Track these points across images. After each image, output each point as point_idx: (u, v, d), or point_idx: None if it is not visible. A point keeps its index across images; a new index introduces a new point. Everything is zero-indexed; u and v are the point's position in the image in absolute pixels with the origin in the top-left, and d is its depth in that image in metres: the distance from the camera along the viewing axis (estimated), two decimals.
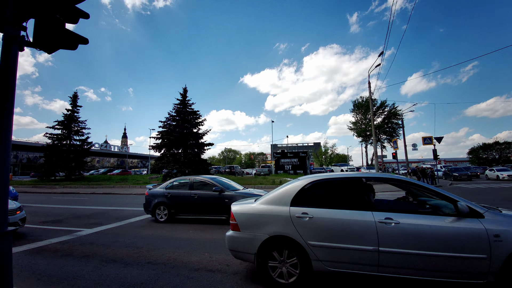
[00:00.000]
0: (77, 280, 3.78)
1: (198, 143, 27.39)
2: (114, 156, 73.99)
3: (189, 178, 8.39)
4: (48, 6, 2.29)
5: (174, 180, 8.59)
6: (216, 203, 7.51)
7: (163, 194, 8.16)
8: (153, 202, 8.16)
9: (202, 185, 8.00)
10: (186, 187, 8.08)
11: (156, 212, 8.10)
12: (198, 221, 7.94)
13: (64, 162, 30.62)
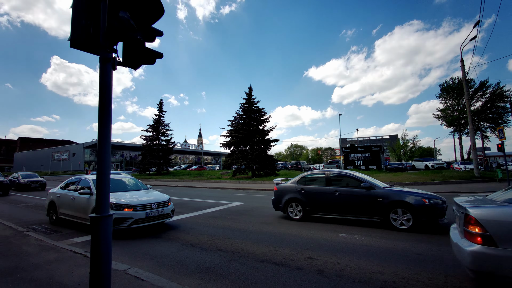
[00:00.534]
0: (163, 258, 4.46)
1: (264, 139, 28.14)
2: (192, 154, 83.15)
3: (324, 172, 7.60)
4: (131, 30, 2.75)
5: (306, 175, 7.92)
6: (365, 202, 6.45)
7: (295, 189, 7.52)
8: (284, 198, 7.67)
9: (342, 180, 7.17)
10: (322, 182, 7.31)
11: (289, 210, 7.59)
12: (261, 215, 8.20)
13: (155, 159, 36.35)
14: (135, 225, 5.84)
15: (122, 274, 3.51)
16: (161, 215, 6.37)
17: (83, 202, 6.37)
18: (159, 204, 6.43)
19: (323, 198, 7.06)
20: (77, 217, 6.56)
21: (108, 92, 2.72)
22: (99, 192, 2.56)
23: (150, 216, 6.08)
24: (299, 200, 7.39)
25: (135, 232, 6.22)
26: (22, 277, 3.45)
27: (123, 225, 5.72)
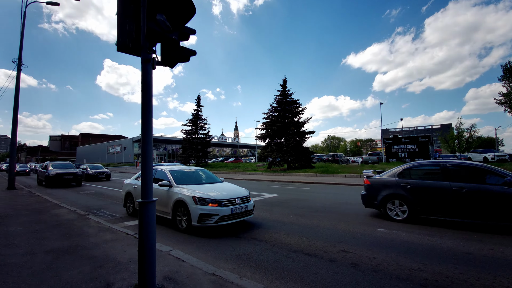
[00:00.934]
0: (202, 243, 4.80)
1: (299, 131, 27.73)
2: (229, 146, 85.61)
3: (438, 162, 6.22)
4: (168, 31, 2.96)
5: (412, 166, 6.53)
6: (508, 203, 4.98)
7: (397, 184, 6.22)
8: (381, 194, 6.41)
9: (468, 173, 5.66)
10: (436, 175, 5.92)
11: (388, 207, 6.35)
12: (295, 207, 8.20)
13: (194, 152, 38.36)
14: (221, 223, 5.23)
15: (166, 254, 3.88)
16: (245, 212, 5.70)
17: (163, 194, 6.05)
18: (242, 199, 5.80)
19: (441, 196, 5.61)
20: (157, 210, 6.07)
21: (149, 90, 2.98)
22: (144, 181, 2.85)
23: (235, 212, 5.46)
24: (403, 197, 6.06)
25: None
26: (82, 254, 4.02)
27: (208, 222, 5.16)
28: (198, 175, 7.17)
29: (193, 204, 5.29)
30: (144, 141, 2.88)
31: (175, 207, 5.74)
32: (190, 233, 5.40)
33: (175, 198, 5.69)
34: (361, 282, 3.19)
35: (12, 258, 3.77)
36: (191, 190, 5.67)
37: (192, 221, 5.25)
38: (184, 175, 6.76)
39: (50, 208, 7.98)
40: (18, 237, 4.86)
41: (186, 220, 5.48)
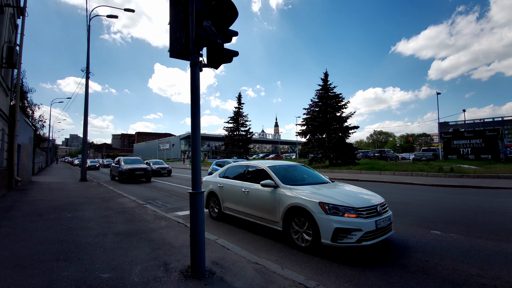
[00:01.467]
0: (245, 235, 5.06)
1: (342, 127, 26.61)
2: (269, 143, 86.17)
3: None
4: (213, 36, 3.19)
5: None
6: None
7: None
8: None
9: None
10: None
11: None
12: None
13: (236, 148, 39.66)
14: (365, 242, 3.69)
15: (213, 242, 4.21)
16: (390, 225, 4.19)
17: (265, 197, 4.74)
18: (383, 206, 4.25)
19: None
20: (256, 216, 4.98)
21: (197, 90, 3.26)
22: (194, 174, 3.15)
23: (381, 227, 3.89)
24: None
25: None
26: (143, 237, 4.58)
27: (348, 241, 3.67)
28: (300, 172, 5.58)
29: (321, 214, 3.82)
30: (193, 138, 3.17)
31: (288, 216, 4.31)
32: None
33: (288, 203, 4.28)
34: None
35: (87, 238, 4.49)
36: (312, 193, 4.21)
37: (321, 238, 3.77)
38: (287, 171, 5.34)
39: (115, 197, 9.15)
40: (91, 221, 5.73)
41: (308, 234, 4.02)
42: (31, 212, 6.49)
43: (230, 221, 6.03)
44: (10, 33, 11.04)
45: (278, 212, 4.47)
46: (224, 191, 5.97)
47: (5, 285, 2.71)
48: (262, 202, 4.86)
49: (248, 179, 5.48)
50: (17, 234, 4.65)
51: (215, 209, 6.30)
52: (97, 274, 3.04)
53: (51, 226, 5.19)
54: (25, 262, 3.37)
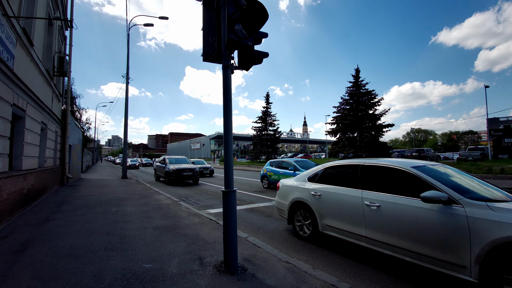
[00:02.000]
0: (275, 233, 5.10)
1: (375, 125, 25.40)
2: (297, 142, 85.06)
3: None
4: (244, 39, 3.28)
5: None
6: None
7: None
8: None
9: None
10: None
11: None
12: None
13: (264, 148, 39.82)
14: None
15: (244, 240, 4.31)
16: None
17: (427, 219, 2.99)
18: None
19: None
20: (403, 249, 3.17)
21: (229, 92, 3.37)
22: (226, 173, 3.27)
23: None
24: None
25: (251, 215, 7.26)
26: (178, 232, 4.84)
27: None
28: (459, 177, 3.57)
29: None
30: (226, 138, 3.29)
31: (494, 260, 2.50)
32: None
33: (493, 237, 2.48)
34: None
35: (129, 231, 4.86)
36: None
37: None
38: (447, 176, 3.48)
39: (152, 194, 9.77)
40: (133, 215, 6.19)
41: None
42: (81, 206, 7.20)
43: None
44: (59, 44, 12.31)
45: (466, 249, 2.66)
46: (325, 202, 4.27)
47: (58, 273, 3.05)
48: (418, 227, 3.04)
49: (369, 185, 3.74)
50: (69, 226, 5.20)
51: (306, 227, 4.68)
52: (140, 264, 3.30)
53: (99, 219, 5.72)
54: (77, 251, 3.77)
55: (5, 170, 5.50)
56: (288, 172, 10.80)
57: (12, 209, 5.78)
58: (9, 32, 5.24)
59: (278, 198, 5.45)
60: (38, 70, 7.95)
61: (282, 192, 5.32)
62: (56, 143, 11.43)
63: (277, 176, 11.26)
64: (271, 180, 11.80)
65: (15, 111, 6.18)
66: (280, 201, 5.33)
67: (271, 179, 11.80)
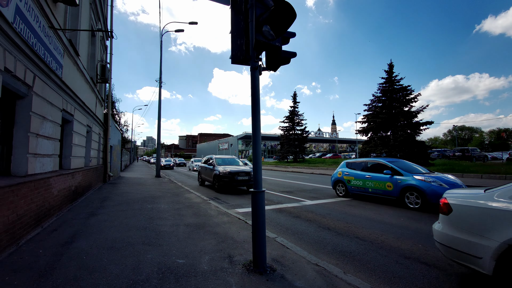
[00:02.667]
0: (303, 235, 5.02)
1: (410, 123, 23.80)
2: (326, 142, 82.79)
3: None
4: (272, 40, 3.29)
5: None
6: None
7: None
8: None
9: None
10: None
11: None
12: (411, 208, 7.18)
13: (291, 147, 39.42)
14: None
15: (272, 240, 4.32)
16: None
17: None
18: None
19: None
20: None
21: (257, 94, 3.40)
22: (255, 174, 3.30)
23: None
24: None
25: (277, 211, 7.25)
26: (208, 230, 4.99)
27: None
28: None
29: None
30: (254, 139, 3.33)
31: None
32: None
33: None
34: None
35: (164, 227, 5.13)
36: None
37: None
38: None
39: (183, 192, 10.20)
40: (166, 212, 6.52)
41: None
42: (121, 202, 7.76)
43: None
44: (101, 53, 13.37)
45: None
46: None
47: (102, 265, 3.32)
48: None
49: None
50: (111, 220, 5.63)
51: None
52: (174, 259, 3.47)
53: (136, 215, 6.11)
54: (118, 244, 4.07)
55: (56, 169, 6.12)
56: (382, 176, 7.97)
57: (61, 205, 6.41)
58: (56, 44, 5.81)
59: (452, 230, 2.94)
60: (84, 78, 8.72)
61: (468, 217, 2.84)
62: (99, 144, 12.45)
63: (362, 182, 8.68)
64: (352, 187, 9.08)
65: (64, 115, 6.85)
66: (462, 237, 2.81)
67: (351, 186, 9.10)
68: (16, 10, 3.80)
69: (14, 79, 4.09)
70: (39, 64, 4.82)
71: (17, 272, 3.05)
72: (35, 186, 4.68)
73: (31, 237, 4.35)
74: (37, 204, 4.78)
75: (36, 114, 4.81)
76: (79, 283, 2.83)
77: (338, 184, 9.77)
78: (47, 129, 5.39)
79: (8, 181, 3.82)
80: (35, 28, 4.52)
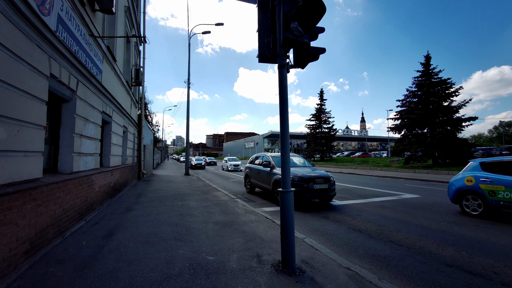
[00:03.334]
0: (332, 237, 4.87)
1: (451, 118, 21.98)
2: (354, 140, 79.62)
3: None
4: (300, 36, 3.21)
5: None
6: None
7: None
8: None
9: None
10: None
11: None
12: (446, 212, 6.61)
13: (318, 146, 38.53)
14: None
15: (301, 241, 4.24)
16: None
17: None
18: None
19: None
20: None
21: (285, 91, 3.35)
22: (283, 172, 3.26)
23: None
24: None
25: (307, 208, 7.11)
26: (236, 228, 5.04)
27: None
28: None
29: None
30: (282, 139, 3.28)
31: None
32: None
33: None
34: None
35: (193, 224, 5.29)
36: None
37: None
38: None
39: (211, 190, 10.45)
40: (196, 210, 6.72)
41: None
42: (154, 199, 8.16)
43: None
44: (135, 58, 14.15)
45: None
46: None
47: (138, 258, 3.50)
48: None
49: None
50: (146, 215, 5.94)
51: None
52: (204, 256, 3.56)
53: (168, 211, 6.39)
54: (152, 239, 4.27)
55: (97, 167, 6.60)
56: None
57: (102, 200, 6.90)
58: (96, 50, 6.25)
59: None
60: (120, 82, 9.30)
61: None
62: (134, 143, 13.22)
63: None
64: (502, 201, 5.74)
65: (104, 117, 7.35)
66: None
67: (498, 200, 5.79)
68: (58, 19, 4.13)
69: (59, 84, 4.47)
70: (81, 70, 5.22)
71: (61, 263, 3.33)
72: (79, 182, 5.10)
73: (76, 229, 4.75)
74: (81, 199, 5.19)
75: (79, 116, 5.23)
76: (118, 275, 3.01)
77: (468, 196, 6.45)
78: (89, 130, 5.83)
79: (55, 178, 4.20)
80: (77, 36, 4.90)
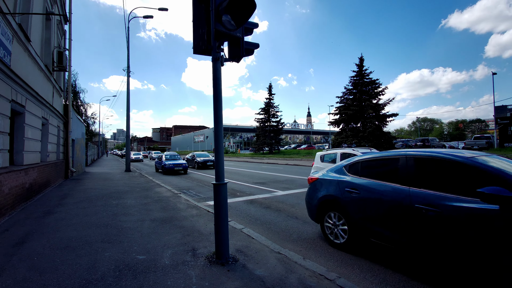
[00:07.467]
0: (271, 225, 5.14)
1: (378, 115, 25.12)
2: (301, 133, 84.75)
3: None
4: (232, 30, 3.22)
5: None
6: None
7: None
8: None
9: None
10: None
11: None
12: None
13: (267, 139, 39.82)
14: None
15: (239, 231, 4.37)
16: None
17: None
18: None
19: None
20: None
21: (219, 85, 3.35)
22: (217, 166, 3.28)
23: None
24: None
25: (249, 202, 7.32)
26: (175, 224, 4.91)
27: None
28: None
29: None
30: (216, 132, 3.29)
31: None
32: None
33: None
34: None
35: (128, 223, 4.96)
36: None
37: None
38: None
39: (154, 187, 9.90)
40: (132, 208, 6.29)
41: None
42: (83, 199, 7.34)
43: None
44: (59, 39, 12.25)
45: None
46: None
47: (54, 265, 3.13)
48: None
49: None
50: (69, 218, 5.32)
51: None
52: (134, 256, 3.38)
53: (99, 212, 5.83)
54: (74, 244, 3.86)
55: (5, 166, 5.60)
56: None
57: (14, 203, 5.92)
58: (4, 29, 5.24)
59: None
60: (37, 66, 7.97)
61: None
62: (58, 138, 11.57)
63: None
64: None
65: (14, 107, 6.24)
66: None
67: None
68: None
69: None
70: None
71: None
72: None
73: None
74: None
75: None
76: (28, 284, 2.66)
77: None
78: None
79: None
80: None
